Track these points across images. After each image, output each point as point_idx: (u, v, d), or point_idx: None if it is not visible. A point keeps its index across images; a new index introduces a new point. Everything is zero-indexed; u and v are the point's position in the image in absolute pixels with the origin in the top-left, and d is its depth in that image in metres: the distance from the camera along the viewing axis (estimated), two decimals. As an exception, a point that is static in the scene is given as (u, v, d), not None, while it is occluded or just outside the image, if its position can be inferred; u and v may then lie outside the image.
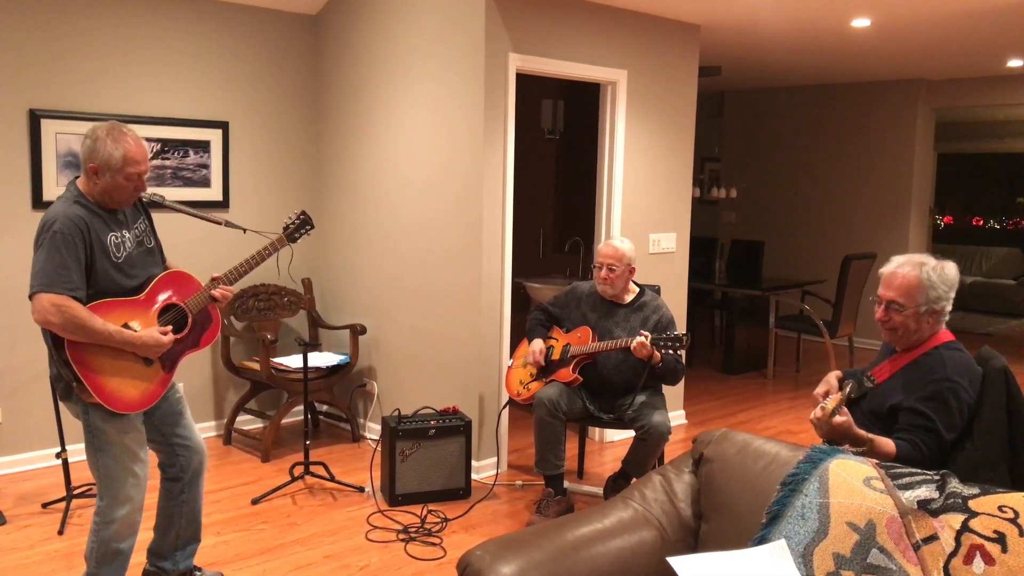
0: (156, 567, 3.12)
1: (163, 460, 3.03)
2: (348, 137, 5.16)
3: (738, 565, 1.95)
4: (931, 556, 1.83)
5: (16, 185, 4.33)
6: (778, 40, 5.95)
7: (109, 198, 2.72)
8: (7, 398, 4.37)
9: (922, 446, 2.43)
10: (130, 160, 2.67)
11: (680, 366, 3.93)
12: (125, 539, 2.83)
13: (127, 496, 2.79)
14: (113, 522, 2.79)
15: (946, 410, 2.44)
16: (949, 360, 2.49)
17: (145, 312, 2.77)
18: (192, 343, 2.90)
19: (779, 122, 8.90)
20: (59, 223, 2.60)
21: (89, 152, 2.66)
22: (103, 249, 2.68)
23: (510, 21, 4.32)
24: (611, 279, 3.98)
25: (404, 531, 3.77)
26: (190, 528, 3.10)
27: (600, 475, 4.58)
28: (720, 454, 2.29)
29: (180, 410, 3.00)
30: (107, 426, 2.73)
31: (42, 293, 2.55)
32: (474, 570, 1.99)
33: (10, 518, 3.82)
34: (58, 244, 2.58)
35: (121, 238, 2.75)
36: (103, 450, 2.75)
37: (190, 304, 2.87)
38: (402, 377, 4.90)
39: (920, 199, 8.10)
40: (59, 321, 2.54)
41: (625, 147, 4.97)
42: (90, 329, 2.58)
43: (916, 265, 2.54)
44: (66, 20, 4.40)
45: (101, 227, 2.69)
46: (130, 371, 2.71)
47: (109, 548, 2.80)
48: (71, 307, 2.55)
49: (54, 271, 2.56)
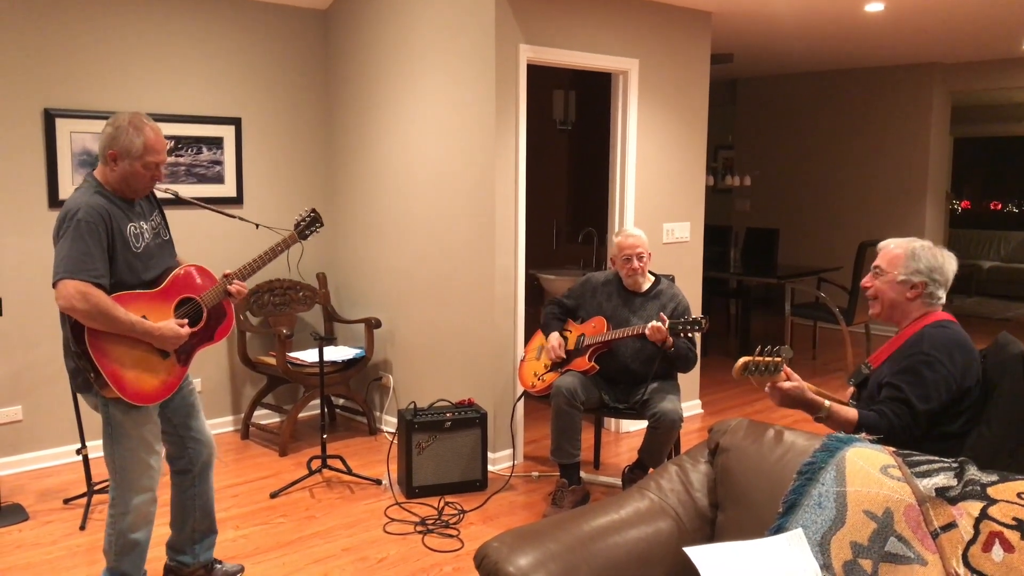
0: (176, 561, 3.15)
1: (172, 452, 3.06)
2: (360, 131, 5.17)
3: (755, 555, 1.95)
4: (950, 544, 1.82)
5: (32, 184, 4.36)
6: (790, 26, 5.91)
7: (126, 186, 2.74)
8: (27, 395, 4.42)
9: (890, 415, 2.44)
10: (150, 149, 2.69)
11: (692, 353, 3.93)
12: (141, 529, 2.85)
13: (142, 487, 2.82)
14: (128, 513, 2.81)
15: (919, 381, 2.44)
16: (928, 336, 2.50)
17: (162, 305, 2.79)
18: (207, 337, 2.93)
19: (792, 108, 8.83)
20: (82, 211, 2.61)
21: (110, 139, 2.69)
22: (123, 239, 2.70)
23: (520, 12, 4.31)
24: (643, 268, 4.00)
25: (421, 523, 3.79)
26: (205, 521, 3.13)
27: (616, 465, 4.58)
28: (736, 443, 2.29)
29: (192, 402, 3.02)
30: (125, 418, 2.76)
31: (67, 279, 2.56)
32: (491, 561, 2.00)
33: (33, 514, 3.87)
34: (82, 232, 2.59)
35: (139, 228, 2.78)
36: (120, 442, 2.78)
37: (205, 298, 2.89)
38: (417, 370, 4.92)
39: (936, 184, 8.03)
40: (84, 308, 2.55)
41: (637, 136, 4.95)
42: (113, 318, 2.60)
43: (909, 241, 2.62)
44: (79, 20, 4.42)
45: (120, 217, 2.71)
46: (147, 363, 2.74)
47: (127, 540, 2.83)
48: (96, 294, 2.57)
49: (79, 258, 2.57)
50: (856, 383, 2.72)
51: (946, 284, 2.58)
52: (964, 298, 10.25)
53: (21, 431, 4.42)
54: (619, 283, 4.10)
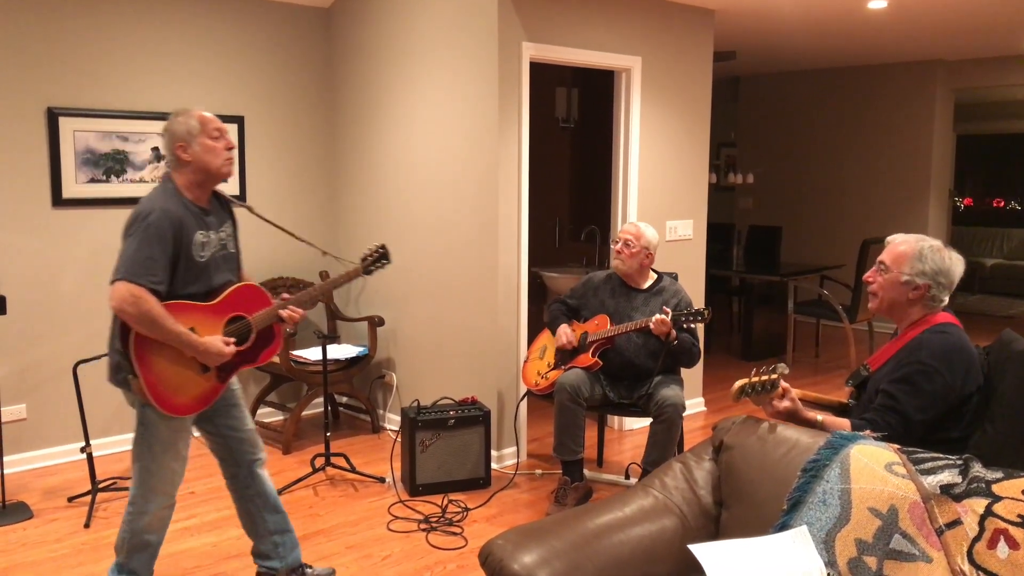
0: (265, 568, 3.11)
1: (219, 454, 3.01)
2: (363, 129, 5.17)
3: (760, 552, 1.95)
4: (955, 541, 1.83)
5: (36, 183, 4.37)
6: (793, 23, 5.90)
7: (206, 174, 2.72)
8: (32, 394, 4.43)
9: (881, 424, 2.40)
10: (205, 121, 2.72)
11: (696, 348, 3.93)
12: (156, 532, 2.85)
13: (163, 491, 2.80)
14: (146, 514, 2.80)
15: (915, 392, 2.40)
16: (928, 343, 2.45)
17: (213, 319, 2.75)
18: (250, 358, 2.87)
19: (795, 106, 8.83)
20: (155, 215, 2.60)
21: (171, 137, 2.70)
22: (189, 247, 2.68)
23: (523, 10, 4.31)
24: (625, 254, 3.99)
25: (425, 521, 3.80)
26: (275, 519, 3.07)
27: (619, 463, 4.58)
28: (740, 441, 2.29)
29: (234, 402, 2.99)
30: (161, 423, 2.73)
31: (124, 281, 2.55)
32: (496, 559, 2.00)
33: (37, 512, 3.87)
34: (150, 236, 2.58)
35: (207, 238, 2.75)
36: (151, 445, 2.76)
37: (257, 319, 2.84)
38: (420, 368, 4.92)
39: (939, 181, 8.02)
40: (134, 312, 2.54)
41: (640, 134, 4.95)
42: (161, 326, 2.58)
43: (919, 239, 2.55)
44: (82, 18, 4.42)
45: (191, 224, 2.69)
46: (185, 375, 2.70)
47: (140, 539, 2.82)
48: (148, 300, 2.55)
49: (142, 261, 2.57)
50: (855, 384, 2.69)
51: (950, 288, 2.51)
52: (967, 296, 10.24)
53: (25, 429, 4.42)
54: (619, 280, 4.11)
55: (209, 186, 2.78)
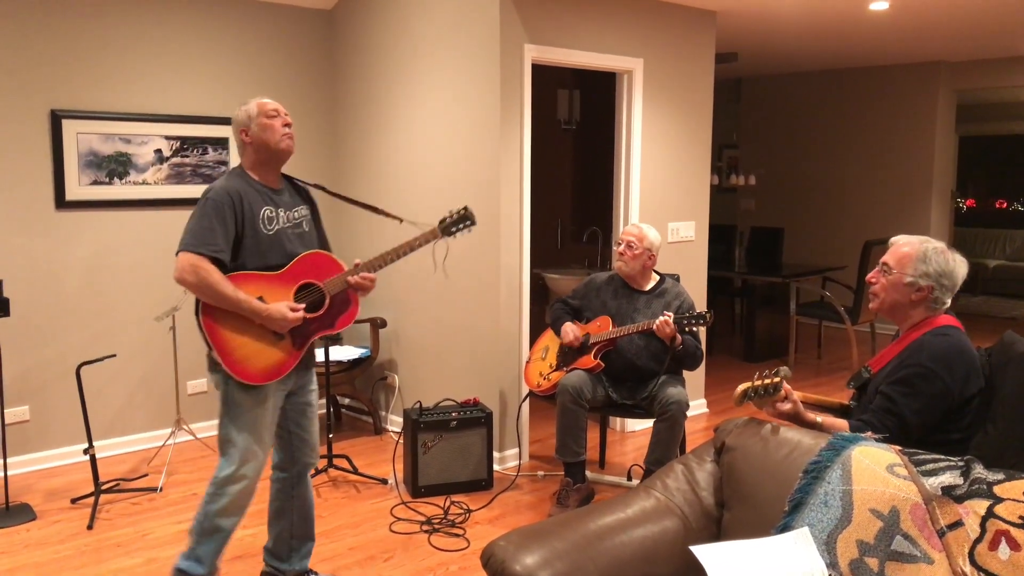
0: (272, 567, 3.13)
1: (278, 445, 3.04)
2: (365, 130, 5.18)
3: (761, 553, 1.95)
4: (956, 542, 1.83)
5: (39, 185, 4.38)
6: (795, 25, 5.90)
7: (267, 151, 2.81)
8: (35, 395, 4.44)
9: (878, 426, 2.40)
10: (262, 103, 2.84)
11: (699, 351, 3.94)
12: (231, 516, 2.85)
13: (244, 474, 2.82)
14: (226, 495, 2.81)
15: (913, 395, 2.40)
16: (928, 346, 2.44)
17: (281, 287, 2.80)
18: (327, 324, 2.90)
19: (797, 108, 8.83)
20: (214, 192, 2.72)
21: (234, 125, 2.84)
22: (254, 220, 2.76)
23: (525, 12, 4.32)
24: (627, 256, 4.00)
25: (427, 522, 3.80)
26: (303, 526, 3.12)
27: (622, 464, 4.58)
28: (742, 442, 2.29)
29: (309, 401, 3.03)
30: (244, 398, 2.78)
31: (184, 252, 2.65)
32: (498, 560, 2.00)
33: (40, 513, 3.88)
34: (208, 210, 2.68)
35: (275, 212, 2.82)
36: (236, 421, 2.79)
37: (328, 285, 2.88)
38: (423, 370, 4.92)
39: (942, 182, 8.01)
40: (193, 280, 2.62)
41: (642, 136, 4.95)
42: (220, 293, 2.65)
43: (923, 241, 2.54)
44: (85, 21, 4.44)
45: (256, 200, 2.78)
46: (258, 343, 2.75)
47: (212, 523, 2.82)
48: (207, 268, 2.63)
49: (200, 232, 2.66)
50: (856, 386, 2.69)
51: (953, 290, 2.51)
52: (970, 297, 10.23)
53: (28, 431, 4.43)
54: (621, 282, 4.11)
55: (274, 165, 2.86)
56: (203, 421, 4.97)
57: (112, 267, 4.63)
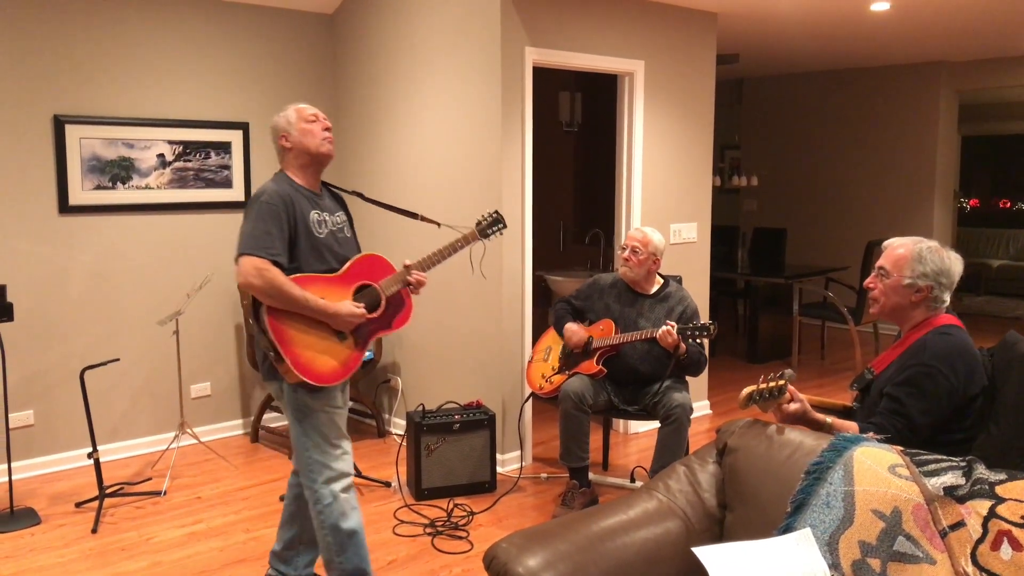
0: (277, 571, 3.13)
1: None
2: (366, 134, 5.19)
3: (764, 554, 1.95)
4: (958, 543, 1.83)
5: (42, 190, 4.39)
6: (796, 26, 5.90)
7: (307, 155, 2.84)
8: (39, 400, 4.45)
9: (888, 429, 2.40)
10: (300, 108, 2.88)
11: (703, 358, 3.94)
12: (350, 515, 2.85)
13: (337, 472, 2.82)
14: (334, 501, 2.81)
15: (920, 394, 2.40)
16: (931, 345, 2.45)
17: (340, 289, 2.82)
18: (384, 324, 2.93)
19: (799, 108, 8.83)
20: (267, 195, 2.73)
21: (274, 132, 2.89)
22: (306, 224, 2.78)
23: (526, 15, 4.32)
24: (632, 261, 4.00)
25: (431, 525, 3.80)
26: (314, 533, 3.09)
27: (625, 467, 4.58)
28: (744, 444, 2.29)
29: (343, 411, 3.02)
30: (313, 401, 2.78)
31: (246, 256, 2.65)
32: (501, 562, 2.00)
33: (44, 518, 3.89)
34: (263, 213, 2.69)
35: (322, 216, 2.85)
36: (310, 425, 2.79)
37: (384, 285, 2.92)
38: (425, 372, 4.93)
39: (944, 182, 8.01)
40: (260, 284, 2.62)
41: (644, 137, 4.96)
42: (287, 294, 2.65)
43: (916, 241, 2.54)
44: (88, 27, 4.45)
45: (305, 205, 2.80)
46: (324, 344, 2.76)
47: (341, 532, 2.82)
48: (271, 271, 2.64)
49: (259, 236, 2.67)
50: (860, 388, 2.68)
51: (951, 287, 2.52)
52: (973, 297, 10.22)
53: (33, 435, 4.45)
54: (625, 286, 4.11)
55: (314, 170, 2.89)
56: (207, 425, 4.98)
57: (115, 271, 4.64)
